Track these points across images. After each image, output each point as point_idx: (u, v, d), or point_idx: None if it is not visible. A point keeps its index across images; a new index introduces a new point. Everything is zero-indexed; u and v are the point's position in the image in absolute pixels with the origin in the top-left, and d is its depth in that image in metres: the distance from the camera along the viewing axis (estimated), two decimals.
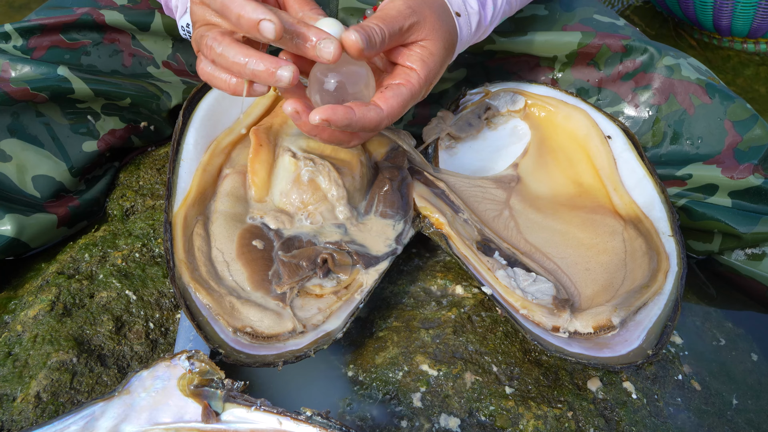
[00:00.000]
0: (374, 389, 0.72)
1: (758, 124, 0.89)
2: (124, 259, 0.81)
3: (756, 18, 1.42)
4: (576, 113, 0.92)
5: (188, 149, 0.81)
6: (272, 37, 0.63)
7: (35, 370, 0.70)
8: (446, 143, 0.92)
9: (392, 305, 0.80)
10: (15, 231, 0.82)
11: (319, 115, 0.65)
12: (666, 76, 0.94)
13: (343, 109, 0.66)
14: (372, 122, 0.67)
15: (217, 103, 0.86)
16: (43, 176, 0.87)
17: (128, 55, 0.98)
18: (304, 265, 0.74)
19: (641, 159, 0.86)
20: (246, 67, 0.65)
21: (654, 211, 0.82)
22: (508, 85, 0.96)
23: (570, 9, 1.01)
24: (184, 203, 0.77)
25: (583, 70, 0.99)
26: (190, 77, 1.02)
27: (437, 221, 0.80)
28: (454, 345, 0.74)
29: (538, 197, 0.88)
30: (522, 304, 0.74)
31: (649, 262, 0.78)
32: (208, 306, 0.70)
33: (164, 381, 0.62)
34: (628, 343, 0.71)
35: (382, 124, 0.69)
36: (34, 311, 0.75)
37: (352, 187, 0.80)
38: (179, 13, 0.84)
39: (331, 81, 0.68)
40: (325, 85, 0.68)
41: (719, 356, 0.81)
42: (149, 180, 0.93)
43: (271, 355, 0.67)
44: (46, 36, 0.92)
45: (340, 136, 0.72)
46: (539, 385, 0.72)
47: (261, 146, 0.82)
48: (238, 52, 0.65)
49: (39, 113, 0.88)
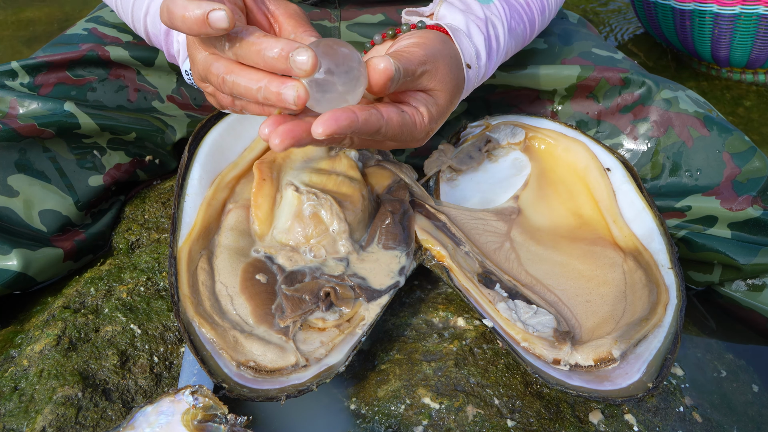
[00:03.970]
0: (376, 423, 0.72)
1: (756, 156, 0.90)
2: (129, 293, 0.82)
3: (754, 49, 1.43)
4: (575, 146, 0.93)
5: (193, 184, 0.82)
6: (226, 24, 0.57)
7: (41, 404, 0.70)
8: (447, 176, 0.93)
9: (394, 337, 0.80)
10: (21, 266, 0.83)
11: (322, 128, 0.57)
12: (664, 108, 0.95)
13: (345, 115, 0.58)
14: (374, 126, 0.61)
15: (221, 138, 0.87)
16: (50, 211, 0.88)
17: (133, 90, 0.99)
18: (306, 299, 0.75)
19: (640, 191, 0.87)
20: (259, 93, 0.60)
21: (653, 244, 0.83)
22: (508, 118, 0.97)
23: (568, 43, 1.03)
24: (188, 238, 0.78)
25: (582, 102, 1.01)
26: (194, 111, 1.04)
27: (438, 254, 0.81)
28: (456, 378, 0.75)
29: (538, 229, 0.89)
30: (523, 337, 0.75)
31: (649, 295, 0.78)
32: (212, 340, 0.71)
33: (168, 416, 0.62)
34: (629, 376, 0.71)
35: (381, 131, 0.63)
36: (41, 346, 0.76)
37: (354, 221, 0.81)
38: (181, 58, 0.85)
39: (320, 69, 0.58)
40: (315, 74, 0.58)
41: (720, 388, 0.82)
42: (154, 213, 0.94)
43: (274, 389, 0.68)
44: (52, 73, 0.93)
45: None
46: (541, 417, 0.72)
47: (264, 180, 0.83)
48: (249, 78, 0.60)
49: (46, 149, 0.89)
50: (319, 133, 0.57)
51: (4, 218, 0.85)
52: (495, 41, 0.82)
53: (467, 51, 0.77)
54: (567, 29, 1.06)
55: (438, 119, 0.70)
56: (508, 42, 0.85)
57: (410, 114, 0.66)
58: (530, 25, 0.90)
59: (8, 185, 0.86)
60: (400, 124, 0.64)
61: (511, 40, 0.86)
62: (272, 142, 0.58)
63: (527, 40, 0.93)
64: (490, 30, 0.81)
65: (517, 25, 0.87)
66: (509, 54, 0.89)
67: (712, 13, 1.41)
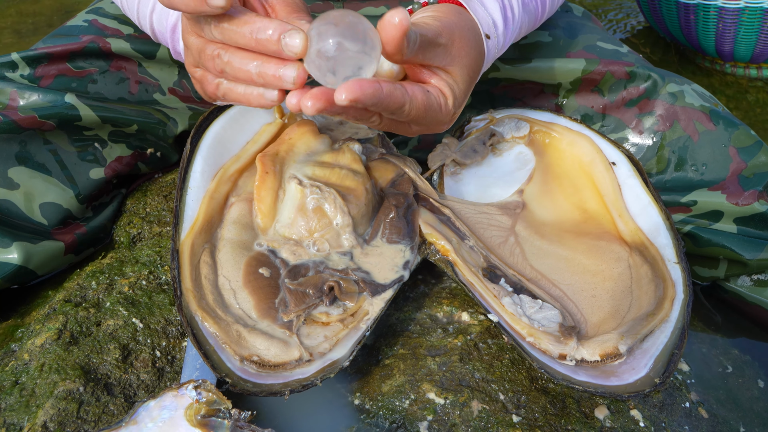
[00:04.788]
0: (381, 418, 0.71)
1: (762, 151, 0.90)
2: (131, 287, 0.81)
3: (758, 43, 1.43)
4: (580, 140, 0.92)
5: (195, 177, 0.81)
6: (223, 3, 0.56)
7: (42, 399, 0.70)
8: (451, 169, 0.93)
9: (398, 332, 0.80)
10: (22, 259, 0.83)
11: (345, 94, 0.54)
12: (670, 102, 0.94)
13: (370, 84, 0.56)
14: (398, 102, 0.59)
15: (224, 131, 0.86)
16: (51, 203, 0.88)
17: (134, 83, 0.99)
18: (310, 293, 0.75)
19: (646, 185, 0.87)
20: (255, 73, 0.59)
21: (659, 238, 0.82)
22: (512, 112, 0.97)
23: (573, 36, 1.02)
24: (191, 231, 0.77)
25: (587, 96, 1.00)
26: (195, 103, 1.03)
27: (443, 248, 0.80)
28: (461, 373, 0.74)
29: (543, 223, 0.88)
30: (528, 332, 0.74)
31: (655, 290, 0.78)
32: (215, 334, 0.70)
33: (171, 411, 0.62)
34: (636, 371, 0.70)
35: (405, 109, 0.60)
36: (41, 339, 0.75)
37: (357, 215, 0.80)
38: None
39: (329, 41, 0.56)
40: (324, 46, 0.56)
41: (726, 383, 0.81)
42: (156, 207, 0.94)
43: (278, 384, 0.67)
44: (52, 64, 0.93)
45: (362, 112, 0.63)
46: (546, 413, 0.72)
47: (267, 173, 0.82)
48: (244, 56, 0.60)
49: (46, 141, 0.88)
50: (342, 99, 0.54)
51: (5, 211, 0.85)
52: (510, 11, 0.80)
53: (484, 20, 0.75)
54: (572, 22, 1.06)
55: (462, 100, 0.68)
56: (522, 16, 0.84)
57: (435, 95, 0.64)
58: (542, 4, 0.89)
59: (9, 178, 0.85)
60: (425, 104, 0.62)
61: (525, 15, 0.85)
62: (304, 104, 0.55)
63: (539, 18, 0.91)
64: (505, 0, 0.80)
65: (530, 0, 0.86)
66: (522, 30, 0.87)
67: (717, 8, 1.41)
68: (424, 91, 0.62)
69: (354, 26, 0.56)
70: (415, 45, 0.59)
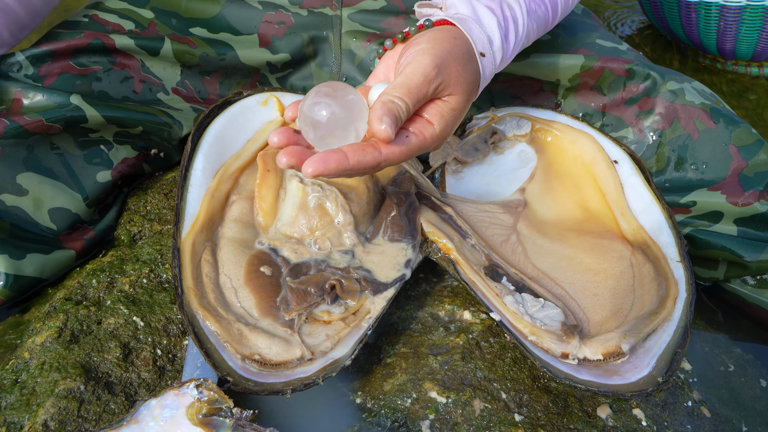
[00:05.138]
0: (382, 417, 0.71)
1: (764, 149, 0.89)
2: (132, 285, 0.81)
3: (760, 41, 1.42)
4: (582, 138, 0.92)
5: (196, 175, 0.81)
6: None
7: (43, 398, 0.70)
8: (453, 168, 0.93)
9: (400, 331, 0.79)
10: (36, 271, 0.83)
11: (311, 168, 0.60)
12: (670, 100, 0.94)
13: (335, 157, 0.60)
14: (369, 165, 0.63)
15: (224, 129, 0.86)
16: (60, 209, 0.87)
17: (138, 82, 0.98)
18: (312, 292, 0.74)
19: (648, 184, 0.86)
20: None
21: (662, 237, 0.82)
22: (513, 110, 0.97)
23: (572, 34, 1.02)
24: (192, 229, 0.77)
25: (586, 95, 1.00)
26: (199, 104, 1.03)
27: (445, 246, 0.80)
28: (463, 371, 0.74)
29: (545, 222, 0.88)
30: (531, 331, 0.74)
31: (658, 288, 0.78)
32: (216, 333, 0.70)
33: (173, 410, 0.62)
34: (638, 370, 0.70)
35: (380, 166, 0.64)
36: (42, 338, 0.75)
37: (359, 213, 0.80)
38: None
39: (322, 113, 0.62)
40: (315, 118, 0.62)
41: (728, 382, 0.81)
42: (156, 205, 0.93)
43: (280, 382, 0.67)
44: (56, 62, 0.92)
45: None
46: (549, 412, 0.71)
47: (268, 171, 0.82)
48: None
49: (53, 145, 0.88)
50: (309, 173, 0.60)
51: (15, 219, 0.84)
52: (512, 23, 0.80)
53: (479, 39, 0.75)
54: (571, 20, 1.05)
55: (452, 123, 0.69)
56: (529, 24, 0.83)
57: (417, 133, 0.66)
58: (552, 7, 0.88)
59: (17, 184, 0.85)
60: (404, 153, 0.65)
61: (532, 23, 0.84)
62: (279, 159, 0.62)
63: (550, 22, 0.90)
64: (505, 11, 0.79)
65: (537, 6, 0.85)
66: (531, 37, 0.86)
67: (718, 6, 1.40)
68: (401, 141, 0.65)
69: (343, 101, 0.62)
70: (407, 115, 0.64)
